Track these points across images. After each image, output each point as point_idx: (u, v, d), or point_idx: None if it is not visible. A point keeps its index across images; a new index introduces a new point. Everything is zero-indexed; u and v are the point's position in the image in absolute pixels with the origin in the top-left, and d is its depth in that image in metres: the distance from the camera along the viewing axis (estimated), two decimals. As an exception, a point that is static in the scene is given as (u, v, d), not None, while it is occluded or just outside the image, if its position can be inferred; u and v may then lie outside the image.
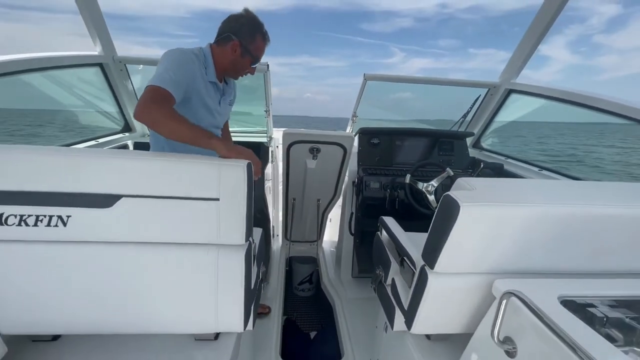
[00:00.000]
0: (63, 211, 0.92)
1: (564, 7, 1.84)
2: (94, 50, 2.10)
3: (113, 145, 2.26)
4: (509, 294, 0.84)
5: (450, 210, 0.88)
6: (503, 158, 2.41)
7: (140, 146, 2.46)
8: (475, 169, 2.28)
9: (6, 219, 0.91)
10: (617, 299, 0.89)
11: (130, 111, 2.50)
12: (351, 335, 1.95)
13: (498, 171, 2.19)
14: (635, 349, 0.91)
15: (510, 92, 2.36)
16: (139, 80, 2.46)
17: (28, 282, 0.96)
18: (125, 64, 2.24)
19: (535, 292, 0.84)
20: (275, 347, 1.83)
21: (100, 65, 2.16)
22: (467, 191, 0.97)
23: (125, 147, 2.39)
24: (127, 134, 2.56)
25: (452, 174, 2.05)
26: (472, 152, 2.62)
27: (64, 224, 0.93)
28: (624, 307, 0.89)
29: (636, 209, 0.91)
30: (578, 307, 0.87)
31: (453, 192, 0.93)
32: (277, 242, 2.97)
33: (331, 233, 3.13)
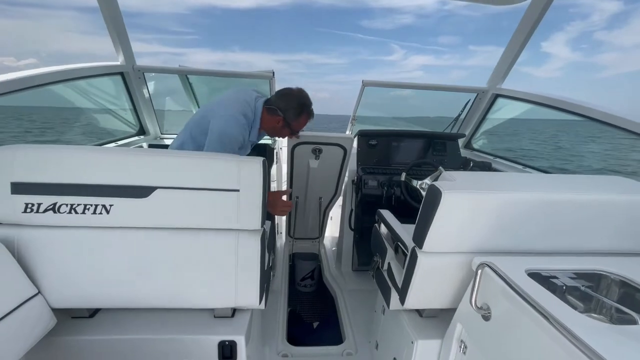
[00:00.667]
0: (106, 201, 1.10)
1: (544, 17, 2.03)
2: (95, 47, 2.28)
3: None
4: (483, 264, 1.02)
5: (435, 197, 1.06)
6: (492, 157, 2.59)
7: (154, 148, 2.63)
8: (465, 168, 2.45)
9: (59, 207, 1.09)
10: (576, 272, 1.07)
11: (145, 115, 2.68)
12: (352, 321, 2.11)
13: (486, 169, 2.36)
14: (593, 314, 1.08)
15: (497, 96, 2.54)
16: (152, 86, 2.65)
17: (75, 262, 1.13)
18: (143, 73, 2.43)
19: (505, 264, 1.01)
20: (281, 333, 1.99)
21: (121, 74, 2.34)
22: (449, 181, 1.14)
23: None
24: (142, 137, 2.74)
25: (444, 172, 2.22)
26: (464, 153, 2.79)
27: (107, 212, 1.10)
28: (582, 279, 1.06)
29: (588, 196, 1.09)
30: (542, 279, 1.05)
31: (437, 182, 1.10)
32: (280, 240, 3.13)
33: (332, 230, 3.29)
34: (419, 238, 1.14)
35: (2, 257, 1.02)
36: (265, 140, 2.98)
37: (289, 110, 1.58)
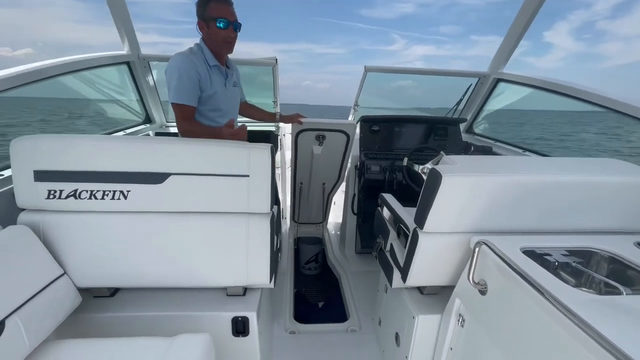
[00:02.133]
0: (124, 187, 1.16)
1: (545, 1, 2.03)
2: (91, 36, 2.33)
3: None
4: (480, 242, 1.08)
5: (435, 180, 1.11)
6: (493, 142, 2.63)
7: (160, 135, 2.69)
8: (467, 152, 2.50)
9: (79, 193, 1.16)
10: (568, 249, 1.13)
11: (151, 104, 2.72)
12: (355, 301, 2.20)
13: (487, 153, 2.41)
14: (583, 288, 1.15)
15: (498, 81, 2.56)
16: (156, 75, 2.68)
17: (97, 245, 1.21)
18: (148, 62, 2.46)
19: (501, 242, 1.08)
20: (289, 311, 2.09)
21: (127, 63, 2.38)
22: (449, 165, 1.20)
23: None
24: (148, 125, 2.79)
25: (445, 156, 2.27)
26: (466, 137, 2.83)
27: (125, 197, 1.17)
28: (574, 256, 1.12)
29: (580, 177, 1.14)
30: (536, 256, 1.11)
31: (438, 166, 1.15)
32: (285, 224, 3.21)
33: (335, 215, 3.36)
34: (420, 219, 1.20)
35: (30, 240, 1.10)
36: (268, 127, 3.02)
37: (197, 9, 1.54)
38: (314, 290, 2.65)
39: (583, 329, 0.69)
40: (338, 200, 3.17)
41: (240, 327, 1.32)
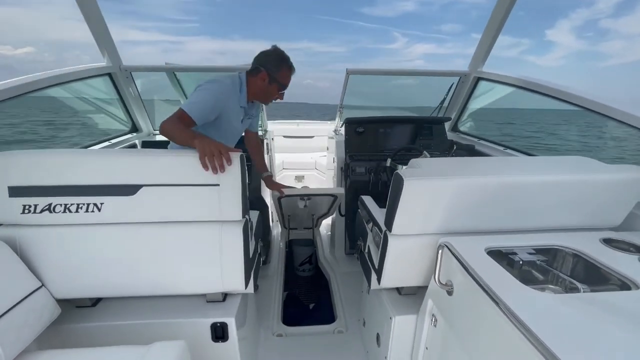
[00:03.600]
0: (97, 200, 1.19)
1: (515, 3, 2.05)
2: (92, 36, 2.19)
3: (123, 145, 2.51)
4: (443, 245, 1.10)
5: (398, 184, 1.14)
6: (476, 140, 2.65)
7: (147, 144, 2.71)
8: (450, 150, 2.52)
9: (54, 207, 1.18)
10: (534, 247, 1.15)
11: (137, 114, 2.75)
12: (343, 302, 2.23)
13: (470, 151, 2.43)
14: (550, 286, 1.17)
15: (479, 79, 2.58)
16: (140, 84, 2.70)
17: (73, 257, 1.23)
18: (130, 72, 2.48)
19: (465, 244, 1.10)
20: (277, 314, 2.11)
21: (109, 74, 2.40)
22: (413, 169, 1.22)
23: (134, 145, 2.64)
24: (134, 134, 2.81)
25: (428, 156, 2.28)
26: (451, 136, 2.84)
27: (99, 210, 1.20)
28: (540, 254, 1.15)
29: (543, 177, 1.16)
30: (502, 255, 1.13)
31: (401, 170, 1.18)
32: (277, 227, 3.23)
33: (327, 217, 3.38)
34: (389, 222, 1.22)
35: (6, 255, 1.12)
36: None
37: (269, 62, 1.63)
38: (307, 292, 2.68)
39: (521, 330, 0.71)
40: None
41: (219, 332, 1.34)
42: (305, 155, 4.51)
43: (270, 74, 1.64)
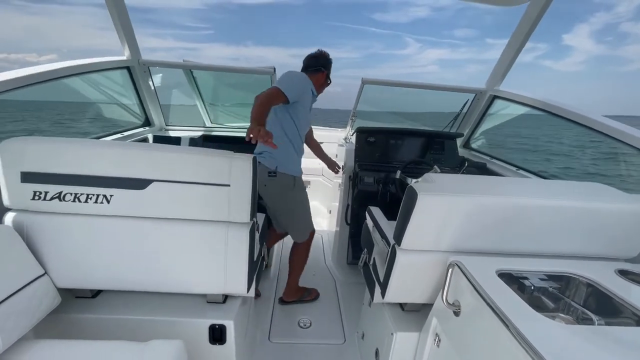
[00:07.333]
0: (107, 191, 1.18)
1: (541, 19, 2.04)
2: (112, 42, 2.33)
3: (135, 139, 2.53)
4: (453, 264, 1.08)
5: (412, 198, 1.12)
6: (488, 158, 2.62)
7: (159, 139, 2.72)
8: (462, 167, 2.49)
9: (64, 196, 1.18)
10: (546, 273, 1.12)
11: (151, 108, 2.77)
12: (343, 313, 2.20)
13: (481, 169, 2.40)
14: (561, 314, 1.14)
15: (494, 97, 2.56)
16: (158, 79, 2.73)
17: (79, 247, 1.23)
18: (148, 67, 2.51)
19: (476, 264, 1.07)
20: (275, 320, 2.08)
21: (127, 68, 2.43)
22: (428, 183, 1.20)
23: (145, 140, 2.65)
24: (147, 128, 2.83)
25: (439, 171, 2.26)
26: (462, 152, 2.82)
27: (108, 202, 1.19)
28: (552, 281, 1.11)
29: (560, 202, 1.13)
30: (512, 279, 1.10)
31: (415, 184, 1.16)
32: None
33: (331, 224, 3.36)
34: (398, 236, 1.20)
35: (13, 240, 1.12)
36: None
37: (327, 65, 2.01)
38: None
39: (533, 357, 0.69)
40: (333, 209, 3.17)
41: (217, 334, 1.32)
42: (314, 160, 4.49)
43: (327, 74, 2.02)
